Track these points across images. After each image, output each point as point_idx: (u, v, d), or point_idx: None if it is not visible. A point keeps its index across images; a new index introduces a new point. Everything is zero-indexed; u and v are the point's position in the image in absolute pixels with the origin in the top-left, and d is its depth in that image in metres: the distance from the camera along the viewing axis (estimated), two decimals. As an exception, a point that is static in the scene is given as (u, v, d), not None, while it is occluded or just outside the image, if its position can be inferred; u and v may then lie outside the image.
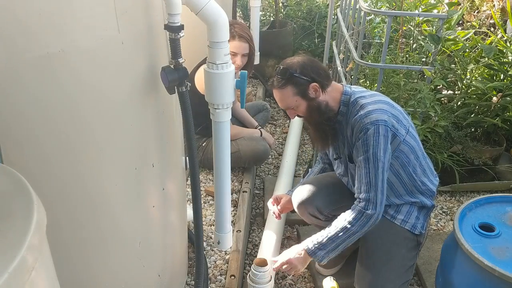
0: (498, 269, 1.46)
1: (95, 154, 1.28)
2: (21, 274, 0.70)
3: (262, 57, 3.37)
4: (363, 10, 2.42)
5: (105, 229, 1.42)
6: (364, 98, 1.78)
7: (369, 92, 1.86)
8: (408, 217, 1.85)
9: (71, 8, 1.08)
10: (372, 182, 1.70)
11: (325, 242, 1.76)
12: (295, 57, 1.85)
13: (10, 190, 0.84)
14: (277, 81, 1.80)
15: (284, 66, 1.79)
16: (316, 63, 1.84)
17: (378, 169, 1.69)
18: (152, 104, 1.44)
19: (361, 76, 2.76)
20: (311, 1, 4.42)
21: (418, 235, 1.85)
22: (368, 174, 1.70)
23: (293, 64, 1.79)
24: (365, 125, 1.69)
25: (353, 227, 1.72)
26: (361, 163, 1.72)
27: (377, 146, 1.68)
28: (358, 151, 1.72)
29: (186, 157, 1.57)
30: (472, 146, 2.62)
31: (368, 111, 1.71)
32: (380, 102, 1.76)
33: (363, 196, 1.72)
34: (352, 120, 1.76)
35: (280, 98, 1.83)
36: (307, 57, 1.86)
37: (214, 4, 1.35)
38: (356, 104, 1.78)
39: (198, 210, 1.61)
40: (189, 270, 2.14)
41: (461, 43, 2.67)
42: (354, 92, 1.82)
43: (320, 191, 2.01)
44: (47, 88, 1.12)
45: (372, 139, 1.68)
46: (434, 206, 1.92)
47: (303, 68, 1.77)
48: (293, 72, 1.76)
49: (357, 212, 1.72)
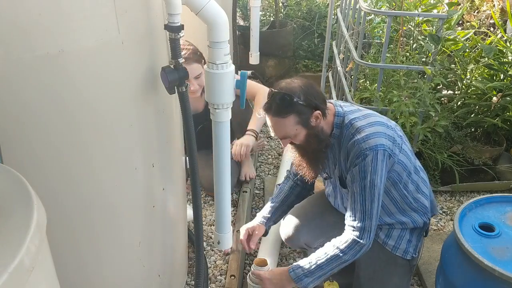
0: (498, 269, 1.46)
1: (95, 154, 1.28)
2: (21, 274, 0.70)
3: (262, 57, 3.37)
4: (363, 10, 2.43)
5: (105, 229, 1.42)
6: (359, 120, 1.68)
7: (361, 111, 1.75)
8: (399, 243, 1.80)
9: (71, 8, 1.08)
10: (368, 210, 1.63)
11: (313, 269, 1.68)
12: (292, 80, 1.68)
13: (10, 190, 0.84)
14: (277, 108, 1.62)
15: (285, 92, 1.61)
16: (315, 87, 1.71)
17: (374, 196, 1.62)
18: (152, 104, 1.44)
19: (361, 76, 2.76)
20: (311, 1, 4.41)
21: (410, 260, 1.83)
22: (364, 202, 1.63)
23: (295, 90, 1.61)
24: (363, 151, 1.60)
25: (346, 255, 1.66)
26: (357, 189, 1.64)
27: (375, 173, 1.61)
28: (354, 177, 1.64)
29: (186, 157, 1.57)
30: (472, 146, 2.62)
31: (365, 136, 1.62)
32: (376, 124, 1.67)
33: (357, 225, 1.65)
34: (347, 144, 1.67)
35: (278, 127, 1.67)
36: (305, 81, 1.69)
37: (214, 4, 1.35)
38: (351, 127, 1.67)
39: (198, 210, 1.61)
40: (189, 270, 2.14)
41: (461, 43, 2.67)
42: (347, 113, 1.72)
43: (306, 225, 1.96)
44: (47, 88, 1.12)
45: (370, 165, 1.60)
46: (428, 223, 1.85)
47: (306, 94, 1.62)
48: (297, 99, 1.60)
49: (351, 241, 1.65)
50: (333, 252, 1.67)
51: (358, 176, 1.63)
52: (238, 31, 3.71)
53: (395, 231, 1.82)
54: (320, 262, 1.68)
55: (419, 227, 1.84)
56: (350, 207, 1.69)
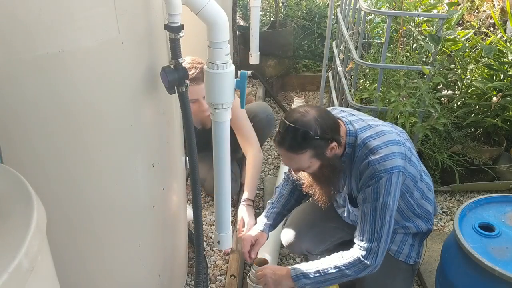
0: (498, 269, 1.46)
1: (95, 154, 1.28)
2: (21, 274, 0.70)
3: (262, 57, 3.36)
4: (363, 10, 2.42)
5: (105, 229, 1.42)
6: (372, 139, 1.62)
7: (372, 128, 1.67)
8: (402, 248, 1.80)
9: (71, 8, 1.08)
10: (377, 232, 1.61)
11: (313, 272, 1.68)
12: (306, 111, 1.57)
13: (10, 190, 0.84)
14: (291, 144, 1.56)
15: (301, 128, 1.52)
16: (330, 115, 1.62)
17: (385, 219, 1.60)
18: (152, 104, 1.44)
19: (361, 76, 2.76)
20: (311, 1, 4.41)
21: (413, 264, 1.83)
22: (374, 224, 1.61)
23: (310, 124, 1.53)
24: (378, 173, 1.57)
25: (348, 270, 1.65)
26: (368, 210, 1.62)
27: (388, 195, 1.57)
28: (366, 197, 1.62)
29: (186, 157, 1.57)
30: (472, 146, 2.62)
31: (381, 157, 1.57)
32: (391, 144, 1.60)
33: (364, 245, 1.63)
34: (360, 165, 1.62)
35: (291, 162, 1.63)
36: (319, 110, 1.60)
37: (214, 4, 1.35)
38: (364, 146, 1.61)
39: (198, 210, 1.61)
40: (189, 270, 2.14)
41: (461, 43, 2.67)
42: (358, 131, 1.65)
43: (307, 232, 1.95)
44: (47, 88, 1.12)
45: (384, 188, 1.57)
46: (431, 230, 1.84)
47: (322, 127, 1.54)
48: (313, 135, 1.53)
49: (356, 259, 1.64)
50: (337, 263, 1.66)
51: (370, 197, 1.61)
52: (238, 31, 3.71)
53: (398, 236, 1.81)
54: (322, 268, 1.68)
55: (422, 232, 1.84)
56: (360, 226, 1.66)
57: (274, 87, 4.12)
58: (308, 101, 4.02)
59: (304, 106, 1.61)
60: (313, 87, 4.20)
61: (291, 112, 1.61)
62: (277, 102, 3.89)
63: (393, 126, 1.76)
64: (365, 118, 1.75)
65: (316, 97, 4.11)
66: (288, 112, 1.63)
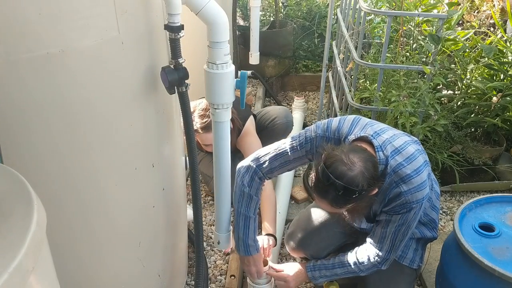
0: (498, 269, 1.46)
1: (95, 154, 1.28)
2: (21, 274, 0.70)
3: (262, 57, 3.37)
4: (363, 10, 2.42)
5: (105, 229, 1.42)
6: (403, 167, 1.54)
7: (401, 153, 1.57)
8: (406, 252, 1.81)
9: (71, 8, 1.08)
10: (396, 245, 1.67)
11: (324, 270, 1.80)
12: (351, 161, 1.45)
13: (10, 190, 0.84)
14: (336, 200, 1.48)
15: (348, 187, 1.43)
16: (374, 162, 1.51)
17: (405, 236, 1.65)
18: (152, 104, 1.44)
19: (361, 76, 2.76)
20: (311, 1, 4.41)
21: (416, 269, 1.84)
22: (395, 240, 1.65)
23: (358, 181, 1.43)
24: (410, 204, 1.56)
25: (362, 273, 1.75)
26: (391, 230, 1.64)
27: (414, 220, 1.61)
28: (392, 222, 1.63)
29: (186, 157, 1.57)
30: (472, 146, 2.62)
31: (414, 188, 1.54)
32: (421, 171, 1.55)
33: (382, 255, 1.68)
34: (389, 192, 1.58)
35: (331, 210, 1.60)
36: (364, 158, 1.48)
37: (214, 4, 1.35)
38: (395, 174, 1.55)
39: (198, 210, 1.61)
40: (189, 270, 2.14)
41: (461, 43, 2.67)
42: (389, 158, 1.55)
43: (312, 239, 1.95)
44: (47, 88, 1.12)
45: (413, 215, 1.59)
46: (435, 238, 1.85)
47: (369, 181, 1.46)
48: (360, 191, 1.45)
49: (372, 265, 1.72)
50: (352, 269, 1.75)
51: (396, 223, 1.63)
52: (238, 31, 3.71)
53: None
54: (337, 272, 1.79)
55: (426, 238, 1.84)
56: (379, 238, 1.69)
57: (274, 87, 4.12)
58: (308, 101, 4.02)
59: (348, 153, 1.47)
60: (313, 87, 4.20)
61: (334, 161, 1.46)
62: (277, 102, 3.89)
63: (408, 135, 1.70)
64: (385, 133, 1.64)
65: (316, 97, 4.11)
66: (329, 159, 1.47)
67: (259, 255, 1.84)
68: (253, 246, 1.80)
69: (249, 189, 1.76)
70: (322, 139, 1.68)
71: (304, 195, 2.69)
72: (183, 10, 1.31)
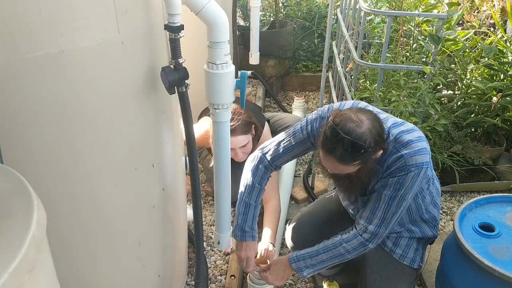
0: (498, 269, 1.46)
1: (95, 154, 1.28)
2: (21, 274, 0.70)
3: (262, 57, 3.37)
4: (363, 10, 2.42)
5: (105, 229, 1.42)
6: (404, 134, 1.58)
7: (405, 124, 1.64)
8: (407, 252, 1.80)
9: (71, 8, 1.08)
10: (387, 219, 1.63)
11: (314, 263, 1.71)
12: (359, 119, 1.48)
13: (10, 190, 0.84)
14: (343, 156, 1.48)
15: (356, 142, 1.45)
16: (380, 122, 1.55)
17: (399, 208, 1.61)
18: (152, 104, 1.44)
19: (361, 76, 2.76)
20: (311, 1, 4.41)
21: (417, 269, 1.83)
22: (387, 212, 1.62)
23: (365, 137, 1.46)
24: (409, 167, 1.55)
25: (349, 254, 1.68)
26: (385, 198, 1.61)
27: (410, 188, 1.58)
28: (387, 186, 1.61)
29: (186, 157, 1.57)
30: (472, 146, 2.62)
31: (414, 151, 1.55)
32: (422, 140, 1.59)
33: (371, 229, 1.64)
34: (389, 158, 1.59)
35: (336, 168, 1.57)
36: (371, 117, 1.52)
37: (214, 4, 1.35)
38: (396, 141, 1.58)
39: (198, 210, 1.61)
40: (189, 270, 2.14)
41: (461, 43, 2.67)
42: (391, 128, 1.60)
43: (313, 237, 1.91)
44: (47, 88, 1.12)
45: (410, 181, 1.56)
46: (436, 236, 1.84)
47: (376, 138, 1.49)
48: (367, 148, 1.47)
49: (359, 243, 1.66)
50: (338, 251, 1.68)
51: (392, 187, 1.60)
52: (238, 31, 3.71)
53: (403, 239, 1.81)
54: (322, 258, 1.70)
55: (427, 237, 1.83)
56: (370, 209, 1.65)
57: (274, 87, 4.12)
58: (308, 101, 4.02)
59: (356, 113, 1.51)
60: (313, 87, 4.20)
61: (343, 119, 1.49)
62: (277, 102, 3.89)
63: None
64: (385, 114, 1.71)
65: (316, 97, 4.11)
66: (338, 117, 1.51)
67: (254, 243, 1.85)
68: (249, 233, 1.81)
69: (253, 178, 1.79)
70: (323, 120, 1.70)
71: (304, 195, 2.69)
72: (183, 10, 1.31)
